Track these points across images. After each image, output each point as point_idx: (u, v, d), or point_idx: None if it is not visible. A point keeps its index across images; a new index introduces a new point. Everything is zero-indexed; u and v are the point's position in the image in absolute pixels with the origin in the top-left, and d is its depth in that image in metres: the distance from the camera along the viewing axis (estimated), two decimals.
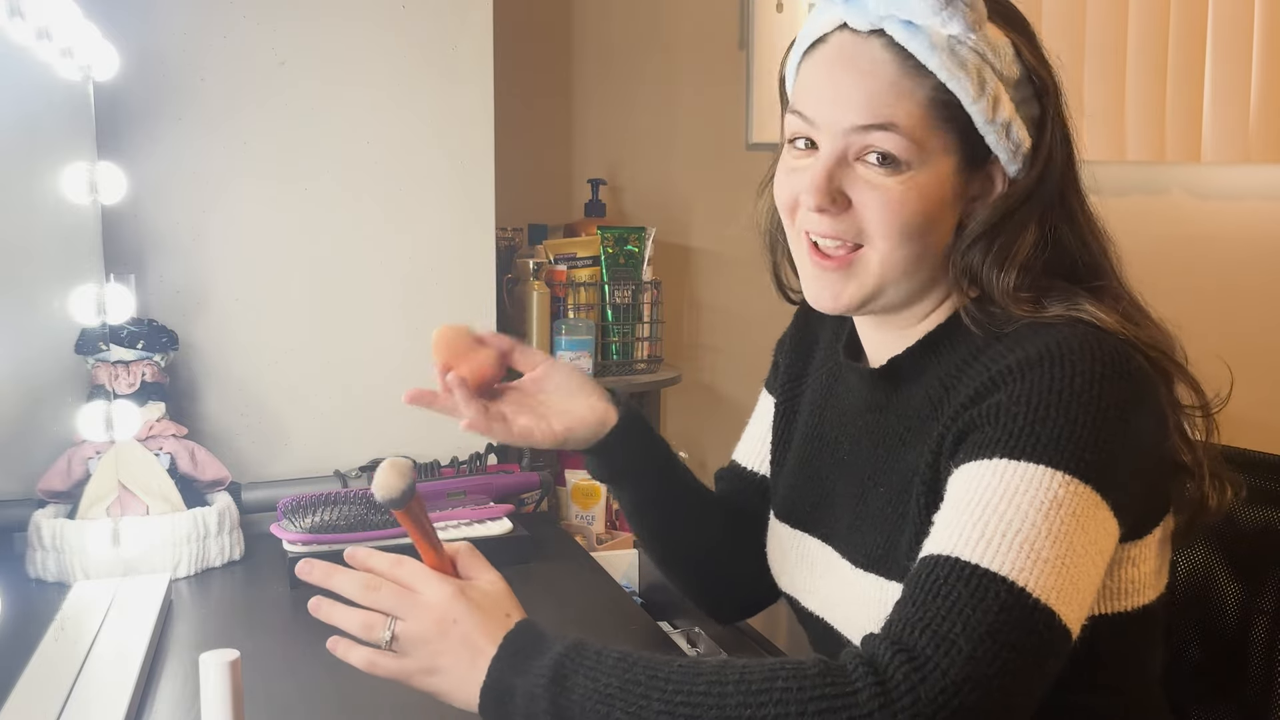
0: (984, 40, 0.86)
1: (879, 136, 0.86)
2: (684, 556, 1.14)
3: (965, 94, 0.85)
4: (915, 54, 0.85)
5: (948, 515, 0.81)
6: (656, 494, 1.10)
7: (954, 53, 0.85)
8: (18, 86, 1.12)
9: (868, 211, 0.88)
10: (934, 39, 0.84)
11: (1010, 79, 0.87)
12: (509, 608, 0.85)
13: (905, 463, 0.91)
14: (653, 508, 1.11)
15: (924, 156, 0.86)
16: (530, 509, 1.66)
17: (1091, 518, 0.79)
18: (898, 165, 0.86)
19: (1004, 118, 0.87)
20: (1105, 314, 0.86)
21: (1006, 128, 0.87)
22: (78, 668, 1.05)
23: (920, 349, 0.94)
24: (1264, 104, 2.69)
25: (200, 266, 1.59)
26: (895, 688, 0.73)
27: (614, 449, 1.04)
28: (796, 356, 1.11)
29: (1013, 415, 0.81)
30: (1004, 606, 0.74)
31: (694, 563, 1.14)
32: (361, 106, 1.64)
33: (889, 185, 0.87)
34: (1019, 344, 0.85)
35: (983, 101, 0.86)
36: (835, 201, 0.88)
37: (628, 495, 1.10)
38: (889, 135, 0.85)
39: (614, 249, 2.04)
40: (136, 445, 1.41)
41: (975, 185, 0.90)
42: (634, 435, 1.05)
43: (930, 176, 0.87)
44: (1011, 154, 0.88)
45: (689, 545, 1.13)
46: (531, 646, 0.81)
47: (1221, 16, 2.65)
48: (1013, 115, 0.87)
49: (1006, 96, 0.87)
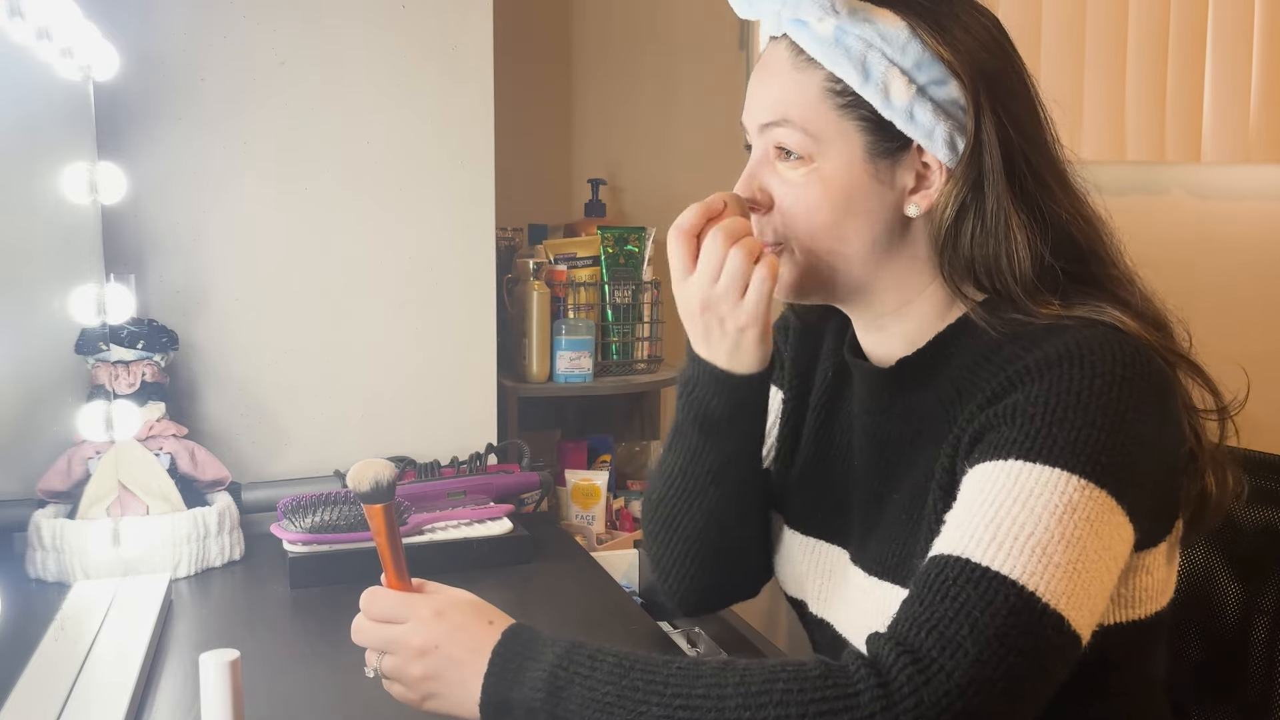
0: (870, 26, 0.87)
1: (778, 132, 0.90)
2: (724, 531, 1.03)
3: (852, 81, 0.87)
4: (805, 48, 0.88)
5: (959, 515, 0.80)
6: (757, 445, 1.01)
7: (839, 42, 0.87)
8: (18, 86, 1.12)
9: (784, 208, 0.92)
10: (820, 31, 0.88)
11: (905, 62, 0.87)
12: (489, 614, 0.84)
13: (917, 467, 0.90)
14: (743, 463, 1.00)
15: (823, 147, 0.89)
16: (530, 509, 1.66)
17: (1106, 523, 0.78)
18: (799, 159, 0.90)
19: (902, 101, 0.87)
20: (1128, 318, 0.85)
21: (909, 111, 0.87)
22: (78, 668, 1.05)
23: (931, 350, 0.93)
24: (1264, 104, 2.69)
25: (200, 266, 1.59)
26: (898, 690, 0.72)
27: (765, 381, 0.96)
28: (802, 351, 1.09)
29: (1030, 416, 0.80)
30: (1013, 610, 0.74)
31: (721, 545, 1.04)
32: (361, 106, 1.64)
33: (794, 179, 0.90)
34: (1037, 344, 0.84)
35: (869, 87, 0.87)
36: (757, 199, 0.92)
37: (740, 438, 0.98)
38: (785, 130, 0.90)
39: (614, 249, 2.04)
40: (136, 445, 1.41)
41: (902, 174, 0.89)
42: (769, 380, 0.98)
43: (834, 166, 0.89)
44: (928, 139, 0.87)
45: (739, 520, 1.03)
46: (522, 654, 0.80)
47: (1221, 16, 2.65)
48: (913, 99, 0.87)
49: (902, 80, 0.87)
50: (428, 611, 0.83)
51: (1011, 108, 0.88)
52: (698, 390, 0.95)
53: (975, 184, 0.87)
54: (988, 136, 0.87)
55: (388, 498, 0.85)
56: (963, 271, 0.89)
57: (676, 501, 1.01)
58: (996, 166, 0.87)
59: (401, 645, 0.83)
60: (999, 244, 0.87)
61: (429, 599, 0.85)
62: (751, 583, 1.11)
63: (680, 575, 1.05)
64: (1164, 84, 2.62)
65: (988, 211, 0.87)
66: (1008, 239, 0.87)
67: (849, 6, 0.87)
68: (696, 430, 0.97)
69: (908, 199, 0.90)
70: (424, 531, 1.46)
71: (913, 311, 0.94)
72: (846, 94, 0.88)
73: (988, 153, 0.87)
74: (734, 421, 0.96)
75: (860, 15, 0.87)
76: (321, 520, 1.39)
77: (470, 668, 0.80)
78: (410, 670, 0.82)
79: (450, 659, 0.81)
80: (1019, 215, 0.87)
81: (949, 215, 0.88)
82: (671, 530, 1.03)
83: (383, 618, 0.85)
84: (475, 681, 0.80)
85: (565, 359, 1.95)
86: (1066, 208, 0.89)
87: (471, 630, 0.82)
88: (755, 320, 0.90)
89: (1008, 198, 0.87)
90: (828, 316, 1.07)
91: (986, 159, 0.87)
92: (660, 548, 1.05)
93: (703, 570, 1.04)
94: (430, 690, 0.82)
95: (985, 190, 0.87)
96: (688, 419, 0.97)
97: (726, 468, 0.98)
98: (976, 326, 0.89)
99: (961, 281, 0.90)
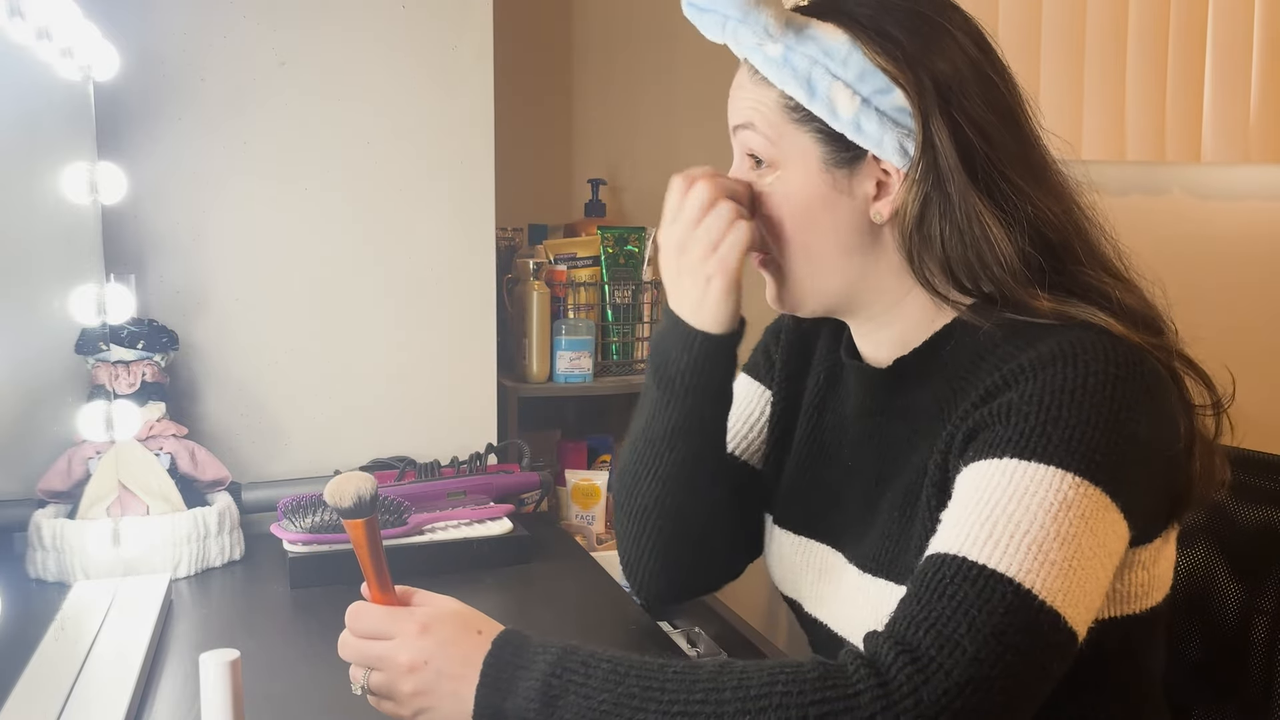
0: (813, 42, 0.89)
1: (746, 135, 0.94)
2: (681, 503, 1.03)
3: (800, 98, 0.90)
4: (758, 68, 0.92)
5: (955, 514, 0.80)
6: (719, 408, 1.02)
7: (787, 62, 0.90)
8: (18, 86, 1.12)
9: (760, 215, 0.94)
10: (769, 53, 0.90)
11: (848, 75, 0.88)
12: (477, 623, 0.83)
13: (912, 465, 0.91)
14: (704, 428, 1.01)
15: (784, 156, 0.92)
16: (530, 509, 1.66)
17: (1101, 520, 0.78)
18: (764, 166, 0.94)
19: (848, 115, 0.88)
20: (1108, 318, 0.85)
21: (856, 123, 0.88)
22: (78, 668, 1.05)
23: (926, 350, 0.93)
24: (1264, 104, 2.69)
25: (200, 266, 1.59)
26: (897, 689, 0.72)
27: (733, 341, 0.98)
28: (793, 354, 1.10)
29: (1024, 414, 0.80)
30: (1010, 608, 0.74)
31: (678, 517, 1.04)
32: (362, 107, 1.64)
33: (765, 186, 0.94)
34: (1031, 343, 0.84)
35: (817, 103, 0.89)
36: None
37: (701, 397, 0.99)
38: (751, 134, 0.93)
39: (614, 249, 2.04)
40: (136, 445, 1.41)
41: (862, 183, 0.91)
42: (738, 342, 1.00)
43: (794, 175, 0.92)
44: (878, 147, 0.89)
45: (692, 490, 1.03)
46: (514, 663, 0.79)
47: (1221, 17, 2.65)
48: (858, 110, 0.88)
49: (847, 94, 0.88)
50: (415, 626, 0.82)
51: (970, 108, 0.88)
52: (662, 342, 0.99)
53: (934, 186, 0.88)
54: (939, 140, 0.87)
55: (370, 511, 0.83)
56: (939, 272, 0.89)
57: (636, 468, 1.03)
58: (954, 167, 0.87)
59: (389, 662, 0.82)
60: (975, 241, 0.87)
61: (415, 613, 0.83)
62: (712, 574, 1.11)
63: (638, 552, 1.06)
64: (1164, 84, 2.62)
65: (955, 212, 0.87)
66: (984, 236, 0.87)
67: (791, 26, 0.89)
68: (656, 385, 1.00)
69: (871, 206, 0.91)
70: (424, 531, 1.46)
71: (902, 314, 0.94)
72: (799, 109, 0.90)
73: (941, 156, 0.87)
74: (692, 379, 0.98)
75: (805, 33, 0.89)
76: (321, 520, 1.39)
77: (462, 681, 0.80)
78: (400, 687, 0.81)
79: (441, 673, 0.80)
80: (990, 212, 0.87)
81: (911, 218, 0.89)
82: (631, 499, 1.04)
83: (369, 634, 0.84)
84: (468, 694, 0.79)
85: (565, 359, 1.95)
86: (1035, 205, 0.88)
87: (460, 642, 0.81)
88: (722, 271, 0.94)
89: (974, 196, 0.87)
90: (822, 320, 1.08)
91: (941, 161, 0.87)
92: (622, 522, 1.06)
93: (659, 548, 1.05)
94: (422, 706, 0.81)
95: (948, 191, 0.87)
96: (650, 373, 1.01)
97: (682, 431, 0.99)
98: (970, 327, 0.90)
99: (939, 283, 0.90)
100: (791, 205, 0.92)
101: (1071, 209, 0.92)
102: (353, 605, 0.86)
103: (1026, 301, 0.87)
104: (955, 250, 0.88)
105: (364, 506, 0.83)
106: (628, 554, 1.08)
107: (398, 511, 1.44)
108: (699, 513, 1.04)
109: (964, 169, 0.87)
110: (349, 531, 0.84)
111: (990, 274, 0.87)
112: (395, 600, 0.86)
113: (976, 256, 0.87)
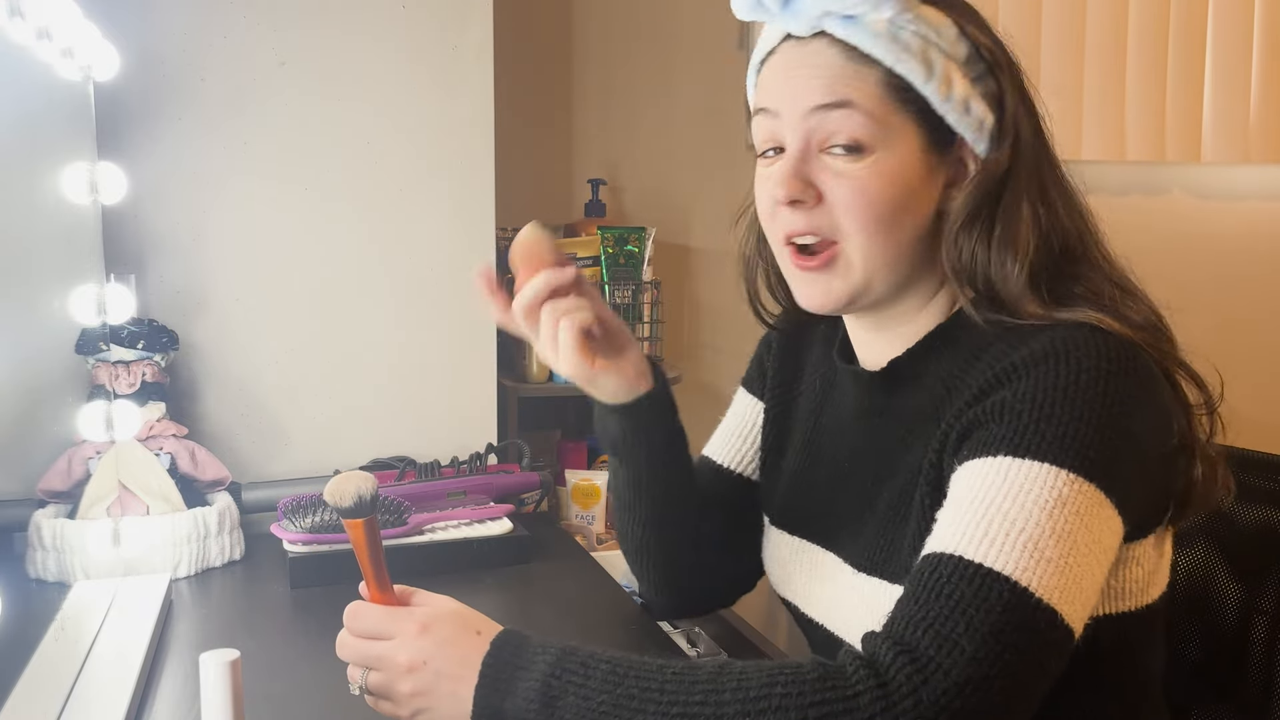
0: (923, 22, 0.87)
1: (839, 115, 0.87)
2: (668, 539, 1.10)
3: (915, 75, 0.86)
4: (859, 45, 0.86)
5: (951, 513, 0.80)
6: (665, 466, 1.06)
7: (896, 38, 0.86)
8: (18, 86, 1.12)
9: (838, 202, 0.88)
10: (874, 27, 0.86)
11: (959, 56, 0.88)
12: (476, 624, 0.83)
13: (906, 465, 0.91)
14: (657, 483, 1.06)
15: (886, 137, 0.87)
16: (530, 509, 1.66)
17: (1096, 516, 0.78)
18: (861, 150, 0.87)
19: (960, 95, 0.87)
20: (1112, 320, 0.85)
21: (965, 105, 0.87)
22: (78, 668, 1.05)
23: (920, 350, 0.94)
24: (1264, 104, 2.69)
25: (200, 266, 1.59)
26: (897, 689, 0.72)
27: (642, 410, 1.03)
28: (785, 363, 1.11)
29: (1018, 412, 0.80)
30: (1007, 606, 0.74)
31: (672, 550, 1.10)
32: (361, 107, 1.64)
33: (855, 171, 0.87)
34: (1024, 341, 0.84)
35: (934, 82, 0.87)
36: (806, 191, 0.89)
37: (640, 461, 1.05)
38: (849, 113, 0.87)
39: (614, 249, 2.04)
40: (136, 445, 1.42)
41: (947, 170, 0.90)
42: (664, 403, 1.04)
43: (896, 159, 0.88)
44: (977, 132, 0.89)
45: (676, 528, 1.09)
46: (513, 664, 0.79)
47: (1221, 16, 2.65)
48: (969, 92, 0.88)
49: (959, 74, 0.87)
50: (414, 626, 0.82)
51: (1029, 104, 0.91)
52: (597, 419, 1.06)
53: (1003, 178, 0.88)
54: (1022, 129, 0.89)
55: (370, 511, 0.83)
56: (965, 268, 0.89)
57: (619, 514, 1.11)
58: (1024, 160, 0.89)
59: (388, 662, 0.82)
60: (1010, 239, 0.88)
61: (414, 613, 0.83)
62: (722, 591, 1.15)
63: (645, 581, 1.15)
64: (1164, 84, 2.62)
65: (1007, 206, 0.88)
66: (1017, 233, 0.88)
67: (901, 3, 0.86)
68: (611, 452, 1.07)
69: (946, 194, 0.91)
70: (424, 531, 1.46)
71: (912, 311, 0.95)
72: (905, 87, 0.87)
73: (1023, 145, 0.89)
74: (631, 442, 1.04)
75: (912, 11, 0.87)
76: (321, 520, 1.39)
77: (460, 681, 0.79)
78: (399, 687, 0.81)
79: (439, 674, 0.80)
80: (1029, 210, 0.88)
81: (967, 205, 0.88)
82: (624, 540, 1.13)
83: (368, 634, 0.83)
84: (466, 695, 0.79)
85: None
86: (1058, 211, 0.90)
87: (459, 643, 0.81)
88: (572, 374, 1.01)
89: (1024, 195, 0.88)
90: (814, 326, 1.09)
91: (1021, 151, 0.89)
92: (626, 555, 1.14)
93: (660, 579, 1.13)
94: (420, 706, 0.81)
95: (1016, 185, 0.88)
96: (602, 443, 1.08)
97: (640, 485, 1.07)
98: (963, 326, 0.90)
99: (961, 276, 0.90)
100: (890, 189, 0.87)
101: (1083, 214, 0.92)
102: (351, 605, 0.86)
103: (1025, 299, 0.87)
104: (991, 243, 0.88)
105: (364, 506, 0.83)
106: (639, 582, 1.15)
107: (398, 511, 1.44)
108: (694, 543, 1.10)
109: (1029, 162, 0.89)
110: (348, 531, 0.84)
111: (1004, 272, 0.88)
112: (394, 600, 0.86)
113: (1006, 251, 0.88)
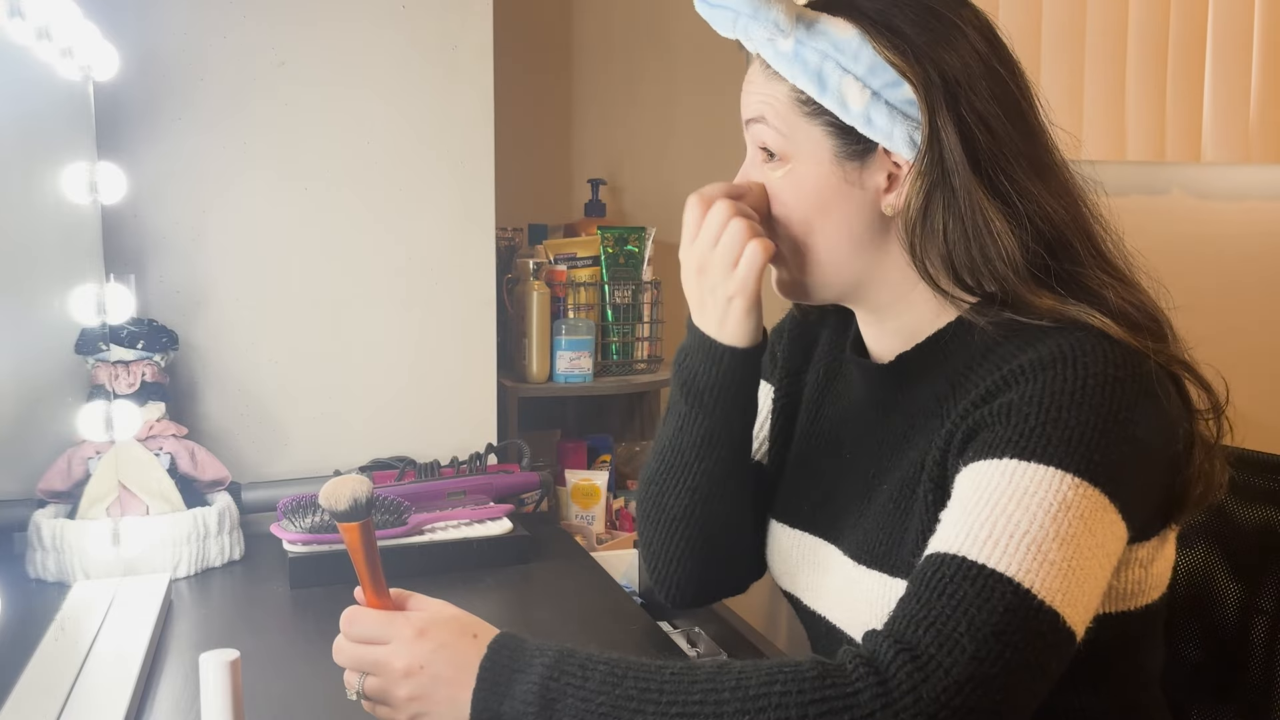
0: (825, 37, 0.90)
1: (758, 128, 0.95)
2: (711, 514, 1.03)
3: (811, 92, 0.91)
4: (770, 63, 0.93)
5: (955, 514, 0.80)
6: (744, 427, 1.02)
7: (798, 57, 0.91)
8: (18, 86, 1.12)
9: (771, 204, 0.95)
10: (781, 48, 0.91)
11: (858, 69, 0.89)
12: (473, 627, 0.83)
13: (909, 459, 0.91)
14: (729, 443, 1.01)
15: (796, 148, 0.93)
16: (530, 509, 1.66)
17: (1100, 520, 0.78)
18: (776, 160, 0.94)
19: (858, 108, 0.89)
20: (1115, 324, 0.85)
21: (866, 116, 0.89)
22: (78, 668, 1.05)
23: (928, 346, 0.94)
24: (1264, 104, 2.69)
25: (200, 266, 1.59)
26: (897, 687, 0.72)
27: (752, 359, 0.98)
28: (795, 350, 1.11)
29: (1024, 415, 0.81)
30: (1009, 607, 0.74)
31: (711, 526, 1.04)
32: (361, 107, 1.64)
33: (773, 179, 0.95)
34: (1031, 344, 0.85)
35: (828, 97, 0.90)
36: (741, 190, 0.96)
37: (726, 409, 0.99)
38: (764, 127, 0.94)
39: (614, 249, 2.04)
40: (136, 445, 1.42)
41: (873, 175, 0.91)
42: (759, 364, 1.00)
43: (806, 168, 0.93)
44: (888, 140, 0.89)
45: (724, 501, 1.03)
46: (511, 666, 0.79)
47: (1221, 16, 2.65)
48: (868, 104, 0.89)
49: (856, 87, 0.89)
50: (410, 631, 0.82)
51: (977, 103, 0.89)
52: (689, 358, 0.99)
53: (939, 179, 0.88)
54: (945, 134, 0.88)
55: (366, 514, 0.83)
56: (941, 267, 0.89)
57: (665, 478, 1.03)
58: (959, 161, 0.87)
59: (385, 667, 0.82)
60: (978, 235, 0.87)
61: (410, 618, 0.83)
62: (739, 576, 1.11)
63: (667, 560, 1.06)
64: (1164, 84, 2.63)
65: (959, 205, 0.88)
66: (987, 230, 0.87)
67: (801, 21, 0.90)
68: (684, 398, 1.00)
69: (882, 199, 0.92)
70: (424, 531, 1.46)
71: (908, 307, 0.95)
72: (810, 103, 0.91)
73: (946, 149, 0.88)
74: (719, 393, 0.98)
75: (816, 27, 0.90)
76: (321, 520, 1.39)
77: (458, 685, 0.79)
78: (396, 692, 0.81)
79: (437, 678, 0.80)
80: (994, 207, 0.87)
81: (915, 211, 0.89)
82: (660, 509, 1.04)
83: (364, 639, 0.83)
84: (464, 699, 0.79)
85: (565, 359, 1.95)
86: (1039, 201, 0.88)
87: (456, 647, 0.81)
88: (743, 291, 0.94)
89: (978, 191, 0.87)
90: (826, 317, 1.09)
91: (947, 154, 0.88)
92: (650, 529, 1.06)
93: (689, 556, 1.04)
94: (418, 711, 0.81)
95: (953, 185, 0.88)
96: (677, 386, 1.01)
97: (711, 442, 1.00)
98: (972, 326, 0.90)
99: (942, 278, 0.90)
100: (803, 197, 0.93)
101: (1077, 208, 0.92)
102: (347, 610, 0.85)
103: (1028, 300, 0.87)
104: (958, 244, 0.88)
105: (359, 510, 0.83)
106: (655, 561, 1.07)
107: (397, 511, 1.44)
108: (728, 521, 1.05)
109: (969, 163, 0.87)
110: (344, 535, 0.84)
111: (992, 269, 0.87)
112: (390, 604, 0.86)
113: (979, 251, 0.87)
